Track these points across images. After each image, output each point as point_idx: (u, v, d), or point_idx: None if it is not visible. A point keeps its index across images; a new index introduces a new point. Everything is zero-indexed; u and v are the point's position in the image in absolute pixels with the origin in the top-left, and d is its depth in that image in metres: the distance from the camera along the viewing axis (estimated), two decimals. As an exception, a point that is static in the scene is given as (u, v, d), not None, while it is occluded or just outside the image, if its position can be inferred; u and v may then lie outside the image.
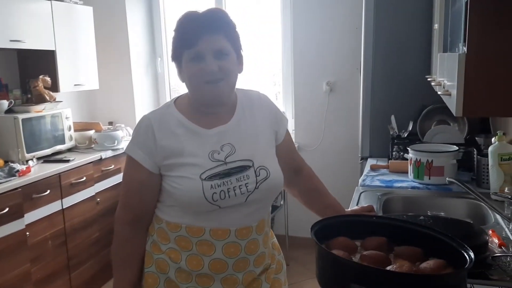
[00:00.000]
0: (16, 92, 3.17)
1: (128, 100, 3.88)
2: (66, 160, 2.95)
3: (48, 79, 3.11)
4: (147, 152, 1.23)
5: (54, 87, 3.17)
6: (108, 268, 2.77)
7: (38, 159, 2.92)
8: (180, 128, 1.24)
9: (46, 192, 2.69)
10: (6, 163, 2.67)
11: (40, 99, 3.11)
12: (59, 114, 3.15)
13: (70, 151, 3.25)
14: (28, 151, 2.85)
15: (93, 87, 3.55)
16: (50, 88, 3.16)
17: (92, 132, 3.39)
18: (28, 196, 2.58)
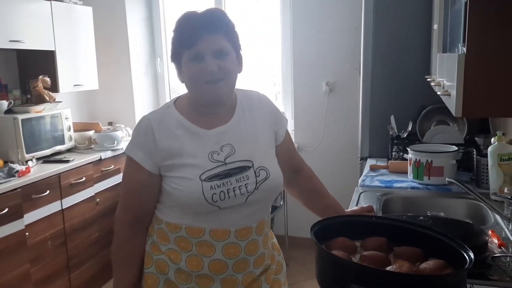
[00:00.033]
0: (15, 93, 3.17)
1: (127, 100, 3.88)
2: (66, 161, 2.95)
3: (47, 79, 3.11)
4: (146, 152, 1.23)
5: (53, 88, 3.17)
6: (108, 269, 2.78)
7: (38, 159, 2.92)
8: (179, 128, 1.24)
9: (45, 193, 2.69)
10: (5, 164, 2.67)
11: (39, 100, 3.11)
12: (59, 114, 3.15)
13: (69, 151, 3.25)
14: (28, 152, 2.85)
15: (92, 88, 3.55)
16: (50, 88, 3.16)
17: (91, 132, 3.39)
18: (28, 197, 2.58)
